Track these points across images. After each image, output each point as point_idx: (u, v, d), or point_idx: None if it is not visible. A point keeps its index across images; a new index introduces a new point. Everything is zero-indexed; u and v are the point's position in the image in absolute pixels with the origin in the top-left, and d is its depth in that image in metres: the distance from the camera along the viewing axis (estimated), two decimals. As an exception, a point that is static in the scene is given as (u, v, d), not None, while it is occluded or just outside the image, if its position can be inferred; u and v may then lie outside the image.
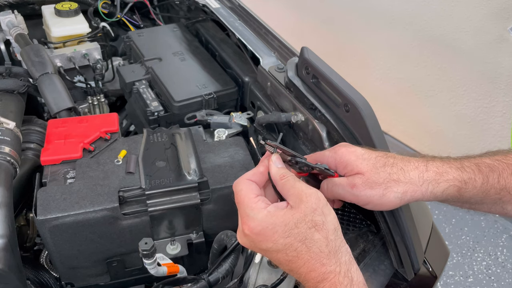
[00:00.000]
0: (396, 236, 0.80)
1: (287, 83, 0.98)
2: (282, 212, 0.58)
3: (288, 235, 0.57)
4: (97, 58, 1.36)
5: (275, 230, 0.57)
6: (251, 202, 0.60)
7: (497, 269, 2.20)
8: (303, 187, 0.60)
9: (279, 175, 0.62)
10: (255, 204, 0.60)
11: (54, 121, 1.03)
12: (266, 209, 0.59)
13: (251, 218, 0.59)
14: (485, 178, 0.65)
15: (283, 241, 0.57)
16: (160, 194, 0.88)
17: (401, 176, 0.64)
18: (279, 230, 0.57)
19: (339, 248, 0.57)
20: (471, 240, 2.33)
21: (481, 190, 0.65)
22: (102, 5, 1.55)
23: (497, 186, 0.65)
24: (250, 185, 0.63)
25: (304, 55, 0.89)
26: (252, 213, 0.59)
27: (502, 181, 0.65)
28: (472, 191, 0.65)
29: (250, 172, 0.65)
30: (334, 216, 0.59)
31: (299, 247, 0.57)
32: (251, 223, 0.59)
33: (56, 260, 0.89)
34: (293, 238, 0.57)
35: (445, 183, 0.64)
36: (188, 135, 1.02)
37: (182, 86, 1.20)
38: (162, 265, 0.84)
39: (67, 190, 0.86)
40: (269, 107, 1.10)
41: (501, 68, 2.08)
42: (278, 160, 0.65)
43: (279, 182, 0.62)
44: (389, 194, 0.63)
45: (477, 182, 0.65)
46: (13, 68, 1.17)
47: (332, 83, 0.83)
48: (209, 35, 1.42)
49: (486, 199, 0.67)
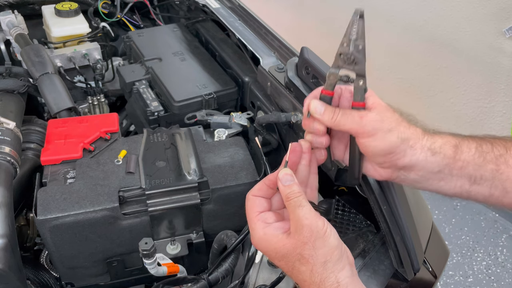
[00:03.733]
0: (396, 236, 0.80)
1: (287, 83, 0.98)
2: (276, 240, 0.61)
3: (279, 259, 0.61)
4: (97, 58, 1.36)
5: (268, 252, 0.62)
6: (251, 222, 0.64)
7: (497, 269, 2.20)
8: (300, 216, 0.59)
9: (285, 195, 0.62)
10: (254, 225, 0.63)
11: (54, 121, 1.03)
12: (263, 231, 0.62)
13: (252, 235, 0.64)
14: (478, 143, 0.66)
15: (277, 262, 0.62)
16: (160, 194, 0.88)
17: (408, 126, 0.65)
18: (271, 254, 0.62)
19: (324, 280, 0.59)
20: (471, 240, 2.33)
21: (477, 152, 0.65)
22: (102, 5, 1.55)
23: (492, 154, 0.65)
24: (254, 202, 0.65)
25: (304, 55, 0.89)
26: (253, 232, 0.63)
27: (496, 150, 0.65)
28: (467, 153, 0.65)
29: (256, 187, 0.66)
30: (328, 248, 0.59)
31: (289, 272, 0.62)
32: (253, 238, 0.64)
33: (56, 260, 0.89)
34: (284, 264, 0.61)
35: (440, 139, 0.65)
36: (188, 135, 1.02)
37: (182, 86, 1.20)
38: (162, 265, 0.85)
39: (67, 190, 0.86)
40: (269, 107, 1.10)
41: (501, 68, 2.08)
42: (285, 177, 0.62)
43: (285, 202, 0.62)
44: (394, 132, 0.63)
45: (471, 144, 0.66)
46: (13, 68, 1.17)
47: (332, 83, 0.82)
48: (209, 35, 1.42)
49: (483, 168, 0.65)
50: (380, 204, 0.79)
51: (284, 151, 1.11)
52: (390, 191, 0.78)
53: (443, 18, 2.18)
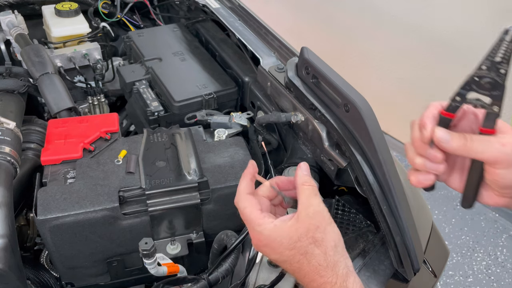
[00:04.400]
0: (396, 236, 0.80)
1: (287, 83, 0.98)
2: (288, 225, 0.62)
3: (292, 247, 0.61)
4: (97, 58, 1.36)
5: (281, 243, 0.62)
6: (257, 219, 0.64)
7: (497, 269, 2.20)
8: (315, 203, 0.64)
9: (302, 180, 0.66)
10: (262, 220, 0.64)
11: (54, 121, 1.03)
12: (273, 223, 0.63)
13: (259, 233, 0.64)
14: None
15: (288, 252, 0.62)
16: (160, 194, 0.88)
17: None
18: (284, 243, 0.62)
19: (336, 263, 0.61)
20: (471, 240, 2.33)
21: None
22: (102, 5, 1.55)
23: None
24: (252, 201, 0.67)
25: (304, 55, 0.89)
26: (259, 228, 0.63)
27: None
28: None
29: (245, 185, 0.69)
30: (336, 234, 0.63)
31: (301, 260, 0.61)
32: (260, 237, 0.64)
33: (56, 260, 0.89)
34: (296, 251, 0.61)
35: None
36: (188, 135, 1.02)
37: (182, 86, 1.20)
38: (162, 265, 0.85)
39: (67, 190, 0.86)
40: (269, 107, 1.10)
41: (501, 68, 2.07)
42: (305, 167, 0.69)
43: (300, 186, 0.66)
44: None
45: None
46: (13, 68, 1.17)
47: (332, 83, 0.83)
48: (209, 35, 1.42)
49: None
50: (380, 204, 0.79)
51: (284, 151, 1.11)
52: (390, 191, 0.78)
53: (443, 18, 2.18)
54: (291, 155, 1.05)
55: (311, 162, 0.99)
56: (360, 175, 0.81)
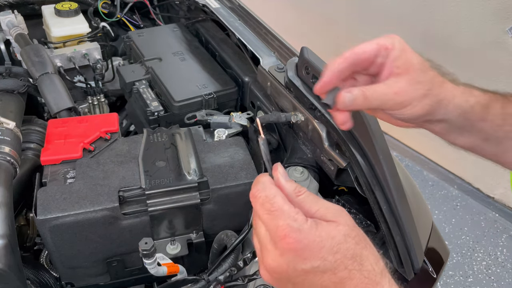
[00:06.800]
0: (396, 236, 0.80)
1: (287, 83, 0.98)
2: (325, 223, 0.49)
3: (336, 250, 0.47)
4: (97, 58, 1.36)
5: (322, 245, 0.47)
6: (292, 212, 0.48)
7: (497, 269, 2.20)
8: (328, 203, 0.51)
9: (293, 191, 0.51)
10: (297, 215, 0.48)
11: (54, 121, 1.03)
12: (308, 220, 0.48)
13: (296, 230, 0.47)
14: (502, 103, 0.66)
15: (332, 257, 0.47)
16: (160, 194, 0.88)
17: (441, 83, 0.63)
18: (326, 245, 0.47)
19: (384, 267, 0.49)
20: (471, 240, 2.33)
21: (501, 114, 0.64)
22: (102, 5, 1.55)
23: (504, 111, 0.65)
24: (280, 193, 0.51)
25: (304, 55, 0.89)
26: (296, 224, 0.48)
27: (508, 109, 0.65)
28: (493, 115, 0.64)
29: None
30: None
31: (350, 265, 0.47)
32: (298, 237, 0.47)
33: (56, 260, 0.89)
34: (342, 255, 0.47)
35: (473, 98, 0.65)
36: (188, 135, 1.02)
37: (182, 86, 1.20)
38: (162, 265, 0.84)
39: (67, 190, 0.86)
40: (269, 107, 1.10)
41: (501, 68, 2.08)
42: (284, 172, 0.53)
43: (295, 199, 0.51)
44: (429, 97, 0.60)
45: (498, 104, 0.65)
46: (13, 68, 1.17)
47: (332, 83, 0.82)
48: (209, 35, 1.42)
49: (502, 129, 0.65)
50: (380, 204, 0.79)
51: (284, 151, 1.11)
52: (390, 191, 0.78)
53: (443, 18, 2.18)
54: (291, 155, 1.05)
55: (311, 162, 0.99)
56: (360, 175, 0.81)
